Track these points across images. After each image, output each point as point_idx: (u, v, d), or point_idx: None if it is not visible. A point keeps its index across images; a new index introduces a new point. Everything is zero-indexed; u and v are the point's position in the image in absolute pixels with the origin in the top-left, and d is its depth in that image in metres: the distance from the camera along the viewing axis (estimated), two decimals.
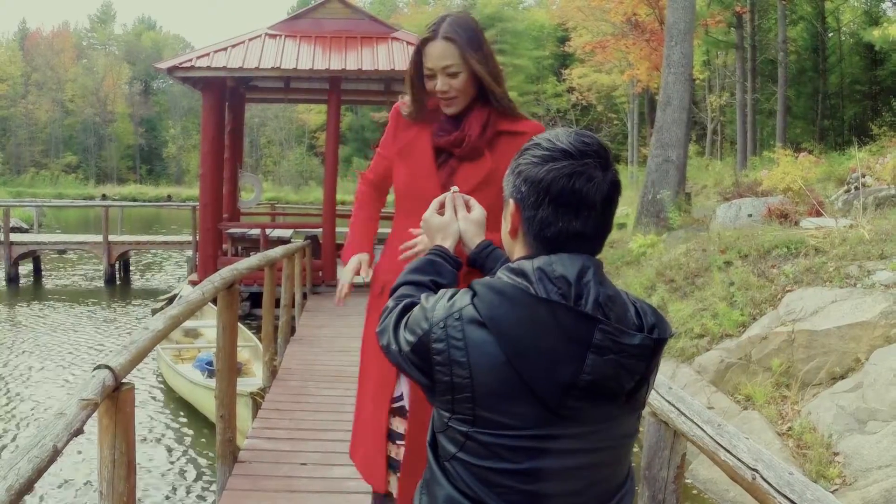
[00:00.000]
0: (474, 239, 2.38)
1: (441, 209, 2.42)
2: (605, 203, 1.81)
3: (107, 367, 3.10)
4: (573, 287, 1.74)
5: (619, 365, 1.71)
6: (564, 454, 1.74)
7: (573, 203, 1.78)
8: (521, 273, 1.78)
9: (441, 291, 1.90)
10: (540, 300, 1.71)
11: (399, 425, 3.07)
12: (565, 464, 1.75)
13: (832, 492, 6.75)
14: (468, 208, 2.42)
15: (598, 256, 1.87)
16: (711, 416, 2.99)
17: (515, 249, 1.91)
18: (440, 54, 2.93)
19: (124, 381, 3.25)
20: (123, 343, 3.51)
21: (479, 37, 2.99)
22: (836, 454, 7.16)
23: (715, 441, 2.84)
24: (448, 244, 2.33)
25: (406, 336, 1.87)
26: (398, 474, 3.06)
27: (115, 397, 3.18)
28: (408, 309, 1.97)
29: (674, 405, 3.21)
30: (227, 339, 5.92)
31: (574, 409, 1.72)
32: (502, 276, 1.81)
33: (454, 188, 2.47)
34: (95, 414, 3.08)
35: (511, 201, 1.88)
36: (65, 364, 13.42)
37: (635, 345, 1.72)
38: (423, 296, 1.94)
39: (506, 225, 1.94)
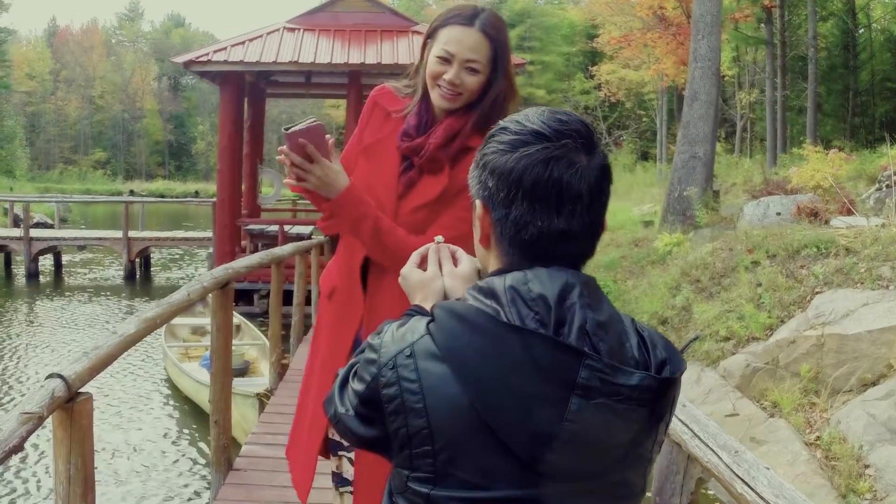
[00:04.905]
0: None
1: (423, 263, 1.98)
2: (592, 193, 1.47)
3: (59, 375, 2.82)
4: (553, 311, 1.40)
5: (612, 411, 1.36)
6: None
7: (552, 195, 1.44)
8: (490, 293, 1.44)
9: (389, 325, 1.55)
10: (511, 328, 1.37)
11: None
12: None
13: None
14: (455, 261, 1.95)
15: (593, 259, 1.54)
16: (728, 441, 2.65)
17: (490, 262, 1.57)
18: (471, 45, 2.53)
19: (82, 390, 2.97)
20: (84, 349, 3.21)
21: (509, 45, 2.62)
22: (866, 466, 6.84)
23: (731, 470, 2.50)
24: (429, 305, 1.80)
25: (354, 386, 1.53)
26: (344, 489, 2.85)
27: (70, 409, 2.91)
28: (353, 367, 1.59)
29: (687, 425, 2.86)
30: (222, 341, 5.67)
31: (555, 465, 1.38)
32: (468, 296, 1.47)
33: (438, 238, 2.00)
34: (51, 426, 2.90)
35: (478, 202, 1.55)
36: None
37: (633, 385, 1.36)
38: (370, 335, 1.57)
39: (476, 232, 1.60)
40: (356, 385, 1.51)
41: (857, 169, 17.49)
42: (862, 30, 41.72)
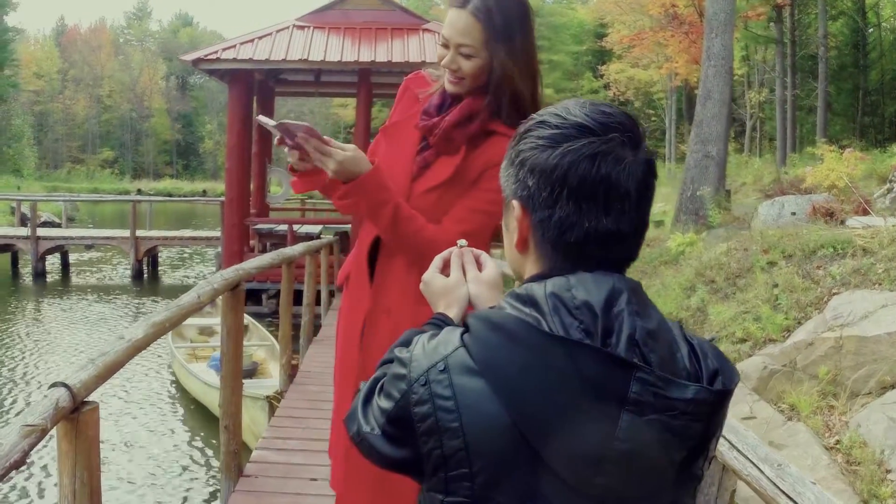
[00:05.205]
0: (488, 304, 1.72)
1: (445, 268, 1.82)
2: (640, 190, 1.36)
3: (63, 385, 2.68)
4: (600, 319, 1.28)
5: (666, 427, 1.24)
6: None
7: (601, 193, 1.33)
8: (530, 301, 1.32)
9: (417, 336, 1.42)
10: (554, 339, 1.25)
11: None
12: None
13: None
14: (479, 266, 1.82)
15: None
16: (769, 454, 2.51)
17: (527, 267, 1.44)
18: (461, 29, 2.38)
19: (87, 399, 2.82)
20: (91, 356, 3.08)
21: (516, 25, 2.41)
22: (888, 471, 6.68)
23: (775, 485, 2.36)
24: (453, 313, 1.73)
25: (380, 403, 1.40)
26: None
27: (75, 419, 2.76)
28: (379, 381, 1.47)
29: (724, 436, 2.73)
30: (232, 344, 5.52)
31: (605, 488, 1.26)
32: (506, 305, 1.34)
33: (461, 242, 1.85)
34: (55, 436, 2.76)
35: (515, 202, 1.42)
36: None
37: (688, 399, 1.24)
38: (396, 349, 1.45)
39: (510, 237, 1.47)
40: (383, 402, 1.39)
41: (868, 168, 17.34)
42: (872, 29, 41.57)
